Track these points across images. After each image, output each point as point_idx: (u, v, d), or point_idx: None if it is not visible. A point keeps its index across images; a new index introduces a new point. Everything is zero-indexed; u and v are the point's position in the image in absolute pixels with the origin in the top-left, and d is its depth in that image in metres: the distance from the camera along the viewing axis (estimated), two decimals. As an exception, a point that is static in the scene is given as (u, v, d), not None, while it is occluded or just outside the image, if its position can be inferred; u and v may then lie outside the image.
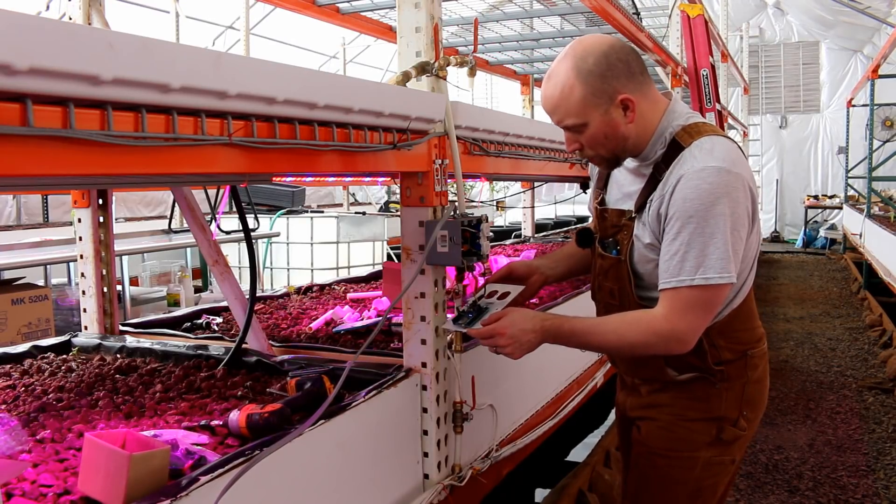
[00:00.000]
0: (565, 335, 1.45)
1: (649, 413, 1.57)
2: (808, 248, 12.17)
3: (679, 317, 1.37)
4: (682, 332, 1.38)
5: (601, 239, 1.55)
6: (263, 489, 1.22)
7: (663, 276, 1.38)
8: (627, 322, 1.43)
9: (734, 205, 1.33)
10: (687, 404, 1.51)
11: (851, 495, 2.97)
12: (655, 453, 1.55)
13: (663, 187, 1.39)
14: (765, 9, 12.92)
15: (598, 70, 1.36)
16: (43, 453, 1.29)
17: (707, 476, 1.52)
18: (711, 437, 1.49)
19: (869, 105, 8.55)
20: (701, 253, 1.33)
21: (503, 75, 5.02)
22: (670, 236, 1.37)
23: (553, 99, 1.40)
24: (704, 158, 1.35)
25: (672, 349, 1.40)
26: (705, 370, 1.47)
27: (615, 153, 1.45)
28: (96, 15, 2.01)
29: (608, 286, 1.54)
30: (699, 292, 1.35)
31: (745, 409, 1.51)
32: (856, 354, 5.24)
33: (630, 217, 1.46)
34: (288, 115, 1.20)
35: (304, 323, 2.43)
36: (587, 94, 1.37)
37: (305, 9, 2.94)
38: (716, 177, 1.32)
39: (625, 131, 1.41)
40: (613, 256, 1.50)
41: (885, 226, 7.00)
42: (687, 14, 4.75)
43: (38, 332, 3.16)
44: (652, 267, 1.44)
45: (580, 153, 1.47)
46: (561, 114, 1.41)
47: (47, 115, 0.86)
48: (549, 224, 9.01)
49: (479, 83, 9.72)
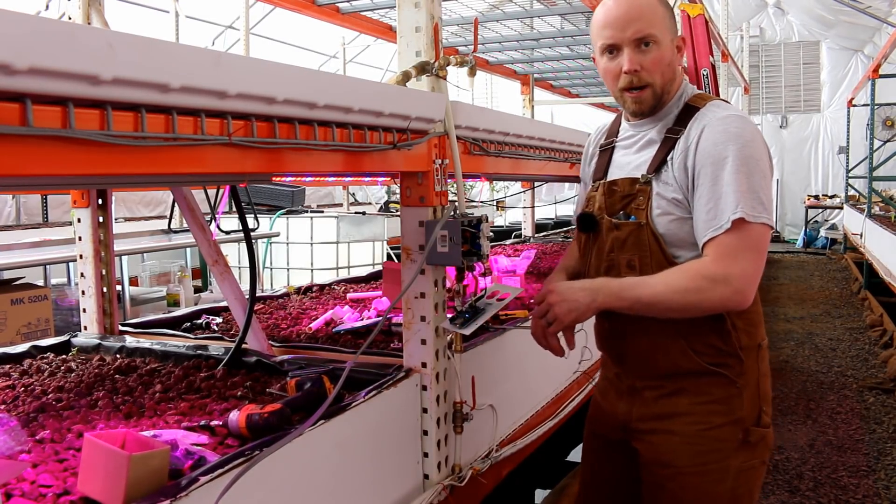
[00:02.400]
0: (615, 291, 1.38)
1: (665, 425, 1.47)
2: (808, 247, 12.17)
3: (729, 260, 1.32)
4: (734, 276, 1.32)
5: (610, 214, 1.51)
6: (263, 489, 1.21)
7: (703, 226, 1.36)
8: (675, 271, 1.38)
9: (761, 149, 1.38)
10: (709, 409, 1.44)
11: (852, 496, 2.97)
12: (684, 472, 1.45)
13: (686, 142, 1.42)
14: (765, 8, 12.92)
15: (669, 6, 1.48)
16: (42, 453, 1.29)
17: (740, 484, 1.45)
18: (738, 442, 1.43)
19: (869, 105, 8.55)
20: (742, 189, 1.33)
21: (503, 75, 5.01)
22: (710, 180, 1.36)
23: (638, 8, 1.43)
24: (724, 111, 1.42)
25: (727, 298, 1.33)
26: (729, 353, 1.42)
27: (663, 88, 1.48)
28: (96, 15, 2.01)
29: (625, 258, 1.47)
30: (749, 230, 1.32)
31: (763, 404, 1.47)
32: (856, 354, 5.24)
33: (645, 181, 1.46)
34: (288, 114, 1.20)
35: (303, 323, 2.43)
36: (666, 17, 1.46)
37: (305, 9, 2.94)
38: (740, 122, 1.39)
39: (676, 68, 1.49)
40: (632, 222, 1.46)
41: (886, 226, 7.00)
42: (687, 14, 4.74)
43: (38, 333, 3.16)
44: (675, 225, 1.42)
45: (636, 76, 1.45)
46: (644, 23, 1.43)
47: (47, 114, 0.86)
48: (549, 224, 9.01)
49: (479, 83, 9.71)
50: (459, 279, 1.66)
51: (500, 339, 2.11)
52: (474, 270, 1.66)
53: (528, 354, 2.28)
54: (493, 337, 2.06)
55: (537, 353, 1.47)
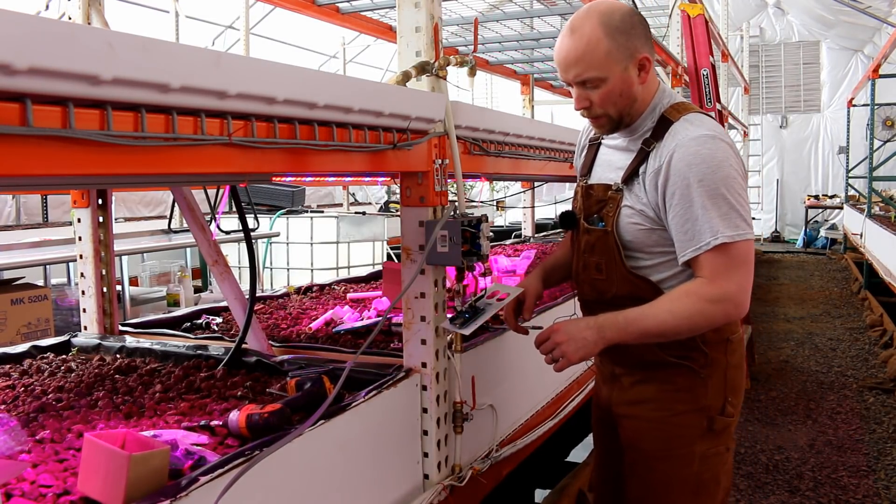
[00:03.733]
0: (620, 326, 1.41)
1: (634, 410, 1.56)
2: (808, 248, 12.17)
3: (724, 278, 1.37)
4: (733, 293, 1.37)
5: (586, 216, 1.56)
6: (263, 489, 1.21)
7: (690, 244, 1.39)
8: (675, 298, 1.41)
9: (734, 168, 1.39)
10: (673, 396, 1.51)
11: (852, 495, 2.97)
12: (651, 457, 1.54)
13: (656, 158, 1.43)
14: (765, 8, 12.92)
15: (624, 27, 1.40)
16: (42, 453, 1.29)
17: (705, 469, 1.52)
18: (703, 429, 1.50)
19: (869, 105, 8.55)
20: (724, 210, 1.36)
21: (503, 75, 5.01)
22: (684, 203, 1.38)
23: (576, 52, 1.40)
24: (696, 129, 1.41)
25: (730, 313, 1.40)
26: (692, 348, 1.48)
27: (621, 114, 1.47)
28: (96, 15, 2.01)
29: (594, 261, 1.53)
30: (735, 249, 1.36)
31: (729, 395, 1.52)
32: (856, 354, 5.24)
33: (616, 189, 1.49)
34: (288, 114, 1.20)
35: (303, 323, 2.43)
36: (612, 49, 1.39)
37: (305, 9, 2.94)
38: (711, 143, 1.39)
39: (636, 92, 1.45)
40: (600, 228, 1.51)
41: (886, 226, 7.00)
42: (687, 14, 4.74)
43: (38, 333, 3.16)
44: (642, 233, 1.46)
45: (587, 111, 1.48)
46: (582, 67, 1.41)
47: (47, 114, 0.86)
48: (549, 224, 9.00)
49: (479, 83, 9.71)
50: (459, 279, 1.66)
51: (500, 339, 2.11)
52: (474, 270, 1.66)
53: (528, 354, 2.28)
54: (493, 337, 2.06)
55: (537, 353, 1.47)
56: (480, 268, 1.70)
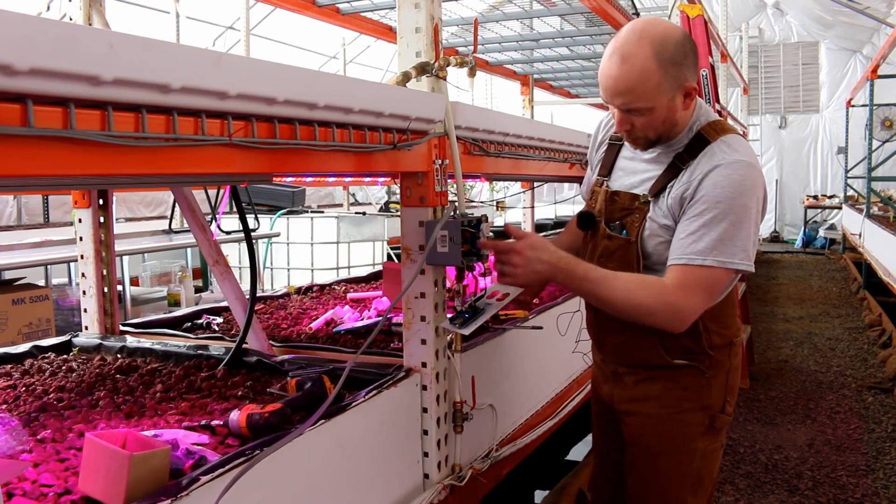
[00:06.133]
0: (578, 277, 1.43)
1: (638, 407, 1.58)
2: (807, 248, 12.17)
3: (686, 293, 1.39)
4: (683, 310, 1.40)
5: (608, 221, 1.57)
6: (263, 489, 1.22)
7: (678, 251, 1.41)
8: (640, 283, 1.43)
9: (757, 200, 1.40)
10: (679, 394, 1.53)
11: (851, 495, 2.97)
12: (654, 452, 1.56)
13: (690, 175, 1.43)
14: (764, 9, 12.93)
15: (677, 59, 1.38)
16: (43, 453, 1.29)
17: (705, 465, 1.56)
18: (705, 427, 1.53)
19: (868, 105, 8.56)
20: (722, 237, 1.37)
21: (503, 75, 5.01)
22: (693, 215, 1.40)
23: (626, 83, 1.38)
24: (735, 153, 1.41)
25: (669, 324, 1.42)
26: (699, 353, 1.50)
27: (660, 136, 1.48)
28: (96, 15, 2.01)
29: (611, 267, 1.53)
30: (710, 273, 1.38)
31: (729, 395, 1.56)
32: (855, 354, 5.25)
33: (644, 201, 1.50)
34: (288, 115, 1.21)
35: (304, 323, 2.43)
36: (663, 82, 1.37)
37: (305, 9, 2.94)
38: (746, 170, 1.39)
39: (679, 117, 1.45)
40: (623, 237, 1.52)
41: (885, 226, 7.00)
42: (686, 14, 4.74)
43: (39, 332, 3.16)
44: (662, 247, 1.47)
45: (627, 134, 1.49)
46: (631, 98, 1.39)
47: (48, 115, 0.86)
48: (549, 224, 9.01)
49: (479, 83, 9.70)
50: (459, 279, 1.66)
51: (500, 339, 2.11)
52: (474, 270, 1.67)
53: (528, 354, 2.28)
54: (493, 337, 2.07)
55: (537, 353, 1.48)
56: (480, 268, 1.70)
